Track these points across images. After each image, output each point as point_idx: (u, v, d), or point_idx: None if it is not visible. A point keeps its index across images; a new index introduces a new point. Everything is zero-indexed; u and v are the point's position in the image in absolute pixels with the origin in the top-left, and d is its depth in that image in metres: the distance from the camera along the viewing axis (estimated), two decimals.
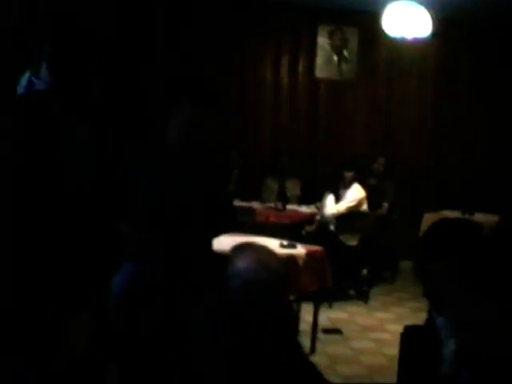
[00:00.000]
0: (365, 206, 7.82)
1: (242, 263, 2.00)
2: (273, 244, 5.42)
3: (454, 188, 9.41)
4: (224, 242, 3.19)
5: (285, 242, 5.60)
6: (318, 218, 7.93)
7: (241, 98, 9.65)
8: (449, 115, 9.90)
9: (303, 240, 6.29)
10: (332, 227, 7.75)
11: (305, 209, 8.52)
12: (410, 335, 2.28)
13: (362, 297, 7.80)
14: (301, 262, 5.36)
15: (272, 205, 8.37)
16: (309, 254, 5.55)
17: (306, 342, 5.59)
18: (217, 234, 3.36)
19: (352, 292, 8.09)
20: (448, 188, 9.50)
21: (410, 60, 9.73)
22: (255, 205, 8.36)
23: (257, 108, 9.89)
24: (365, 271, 8.02)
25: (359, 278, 8.06)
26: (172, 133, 3.21)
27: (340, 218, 7.68)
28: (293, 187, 8.99)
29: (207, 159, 3.29)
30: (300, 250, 5.59)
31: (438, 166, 9.86)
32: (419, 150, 9.94)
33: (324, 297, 6.96)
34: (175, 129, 3.19)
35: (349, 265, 7.64)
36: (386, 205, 8.64)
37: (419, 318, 4.79)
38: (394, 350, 3.05)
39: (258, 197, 8.81)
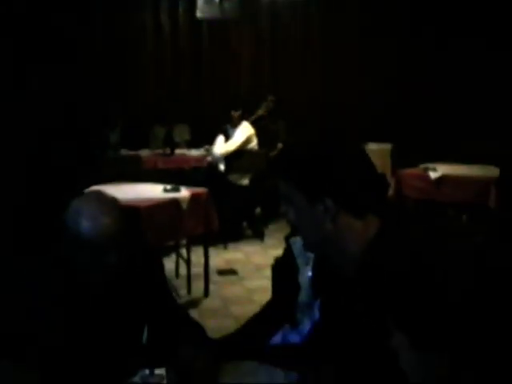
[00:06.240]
0: (253, 144, 8.48)
1: (76, 218, 2.26)
2: (156, 189, 5.92)
3: (351, 124, 9.97)
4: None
5: (168, 187, 5.90)
6: (208, 159, 8.58)
7: (120, 47, 10.14)
8: (336, 46, 10.55)
9: (192, 183, 6.53)
10: (222, 168, 8.36)
11: (194, 152, 9.19)
12: (277, 266, 2.65)
13: (258, 236, 8.55)
14: (184, 206, 5.71)
15: (160, 151, 8.99)
16: (193, 197, 5.85)
17: (199, 285, 6.32)
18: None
19: (248, 232, 8.81)
20: (345, 126, 10.02)
21: None
22: (143, 153, 8.90)
23: (138, 55, 10.45)
24: (258, 210, 8.77)
25: (253, 217, 8.81)
26: None
27: (229, 157, 8.33)
28: (181, 132, 9.69)
29: None
30: (184, 193, 5.85)
31: (331, 103, 10.47)
32: (309, 87, 10.56)
33: (219, 239, 7.70)
34: None
35: (242, 205, 8.36)
36: (280, 145, 9.23)
37: None
38: None
39: (146, 145, 9.41)
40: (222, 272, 7.12)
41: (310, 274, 2.28)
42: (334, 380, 1.93)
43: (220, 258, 7.68)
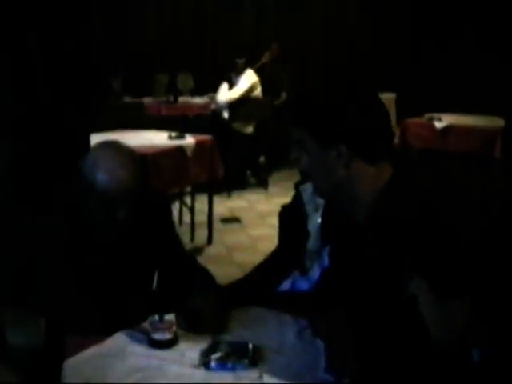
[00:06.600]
0: (258, 91, 8.44)
1: (92, 168, 2.22)
2: (161, 136, 5.91)
3: (354, 74, 9.73)
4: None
5: (173, 134, 5.89)
6: (212, 106, 8.58)
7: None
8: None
9: (195, 131, 6.46)
10: (226, 115, 8.37)
11: (198, 100, 9.22)
12: (285, 213, 2.55)
13: (262, 184, 8.61)
14: (189, 153, 5.70)
15: (163, 98, 9.02)
16: (198, 145, 5.84)
17: (203, 233, 6.37)
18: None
19: (252, 180, 8.89)
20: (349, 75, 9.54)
21: None
22: (146, 100, 8.93)
23: (140, 2, 10.40)
24: (262, 158, 8.80)
25: (257, 165, 8.83)
26: None
27: (233, 105, 8.30)
28: (184, 80, 9.71)
29: None
30: (189, 140, 5.85)
31: (333, 52, 10.36)
32: (311, 36, 10.51)
33: (224, 187, 7.76)
34: None
35: (246, 153, 8.41)
36: (284, 94, 9.23)
37: None
38: None
39: (149, 93, 9.41)
40: (225, 220, 7.13)
41: (319, 220, 2.27)
42: (345, 325, 1.94)
43: (224, 206, 7.70)
